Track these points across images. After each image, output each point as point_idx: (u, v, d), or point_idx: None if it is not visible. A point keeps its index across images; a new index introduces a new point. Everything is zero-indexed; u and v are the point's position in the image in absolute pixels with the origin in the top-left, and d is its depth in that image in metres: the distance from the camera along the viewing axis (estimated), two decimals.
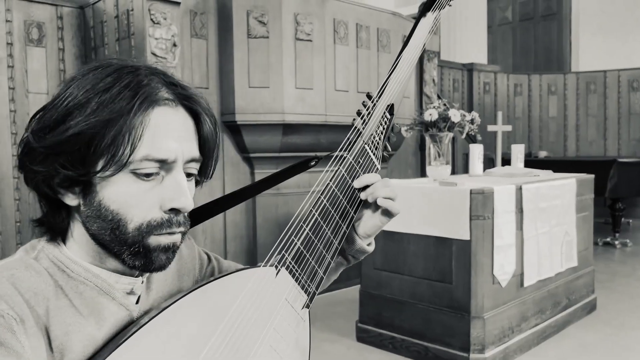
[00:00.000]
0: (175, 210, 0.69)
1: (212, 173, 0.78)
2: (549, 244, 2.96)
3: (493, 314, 2.58)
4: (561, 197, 3.08)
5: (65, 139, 0.64)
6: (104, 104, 0.65)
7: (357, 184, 0.91)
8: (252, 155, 3.63)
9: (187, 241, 0.90)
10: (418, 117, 2.88)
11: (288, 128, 3.56)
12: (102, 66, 0.69)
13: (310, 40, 3.57)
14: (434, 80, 5.14)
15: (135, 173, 0.67)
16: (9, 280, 0.64)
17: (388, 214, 0.92)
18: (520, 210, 2.75)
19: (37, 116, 0.69)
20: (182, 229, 0.71)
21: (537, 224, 2.86)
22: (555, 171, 3.68)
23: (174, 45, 3.20)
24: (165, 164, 0.68)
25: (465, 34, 7.07)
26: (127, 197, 0.67)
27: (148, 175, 0.67)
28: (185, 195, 0.69)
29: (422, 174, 4.89)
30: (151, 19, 3.12)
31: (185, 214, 0.72)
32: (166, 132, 0.68)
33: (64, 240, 0.72)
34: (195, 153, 0.72)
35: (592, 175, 3.50)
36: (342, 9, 3.76)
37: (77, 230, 0.71)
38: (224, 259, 1.01)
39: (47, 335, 0.65)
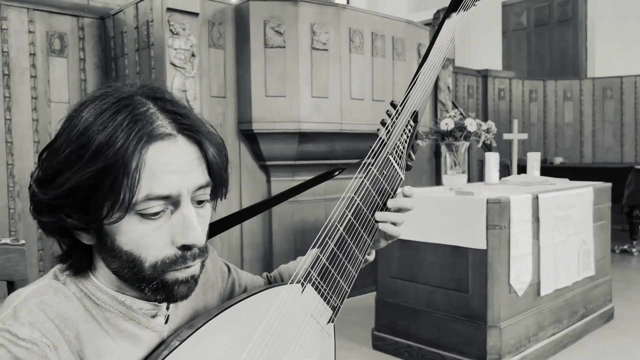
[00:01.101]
0: (187, 246, 0.68)
1: (226, 194, 0.76)
2: (565, 253, 2.95)
3: (509, 323, 2.58)
4: (578, 206, 3.07)
5: (64, 191, 0.64)
6: (98, 150, 0.63)
7: (391, 204, 0.92)
8: (269, 163, 3.67)
9: (210, 254, 0.90)
10: (434, 126, 2.90)
11: (304, 136, 3.59)
12: (98, 99, 0.67)
13: (326, 50, 3.60)
14: (448, 87, 5.15)
15: (141, 214, 0.65)
16: (39, 306, 0.66)
17: (390, 236, 0.95)
18: (536, 219, 2.75)
19: (42, 158, 0.68)
20: (198, 260, 0.71)
21: (553, 233, 2.85)
22: (571, 179, 3.67)
23: (193, 55, 3.25)
24: (170, 200, 0.66)
25: (480, 40, 7.06)
26: (138, 238, 0.66)
27: (155, 214, 0.66)
28: (195, 230, 0.68)
29: (437, 181, 4.90)
30: (170, 30, 3.18)
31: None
32: (165, 168, 0.65)
33: (87, 272, 0.72)
34: (202, 180, 0.69)
35: (610, 184, 3.48)
36: (357, 18, 3.79)
37: (100, 263, 0.72)
38: (241, 266, 1.03)
39: (80, 359, 0.66)
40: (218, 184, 0.73)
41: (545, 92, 6.94)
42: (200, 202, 0.71)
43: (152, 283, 0.68)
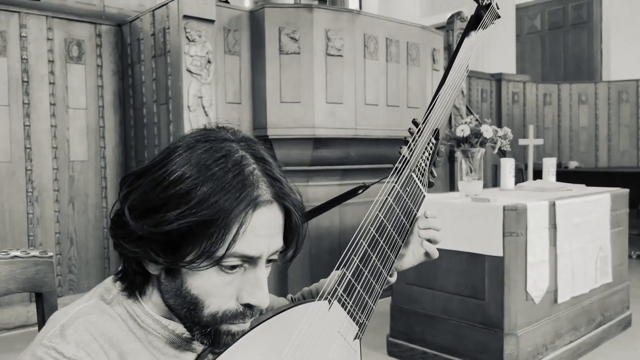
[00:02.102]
0: (250, 305, 0.71)
1: (293, 257, 0.78)
2: (583, 260, 2.93)
3: (526, 331, 2.57)
4: (595, 213, 3.04)
5: (162, 231, 0.65)
6: (205, 200, 0.64)
7: (422, 224, 0.95)
8: (283, 168, 3.68)
9: None
10: (450, 132, 2.89)
11: (318, 142, 3.60)
12: (209, 141, 0.69)
13: (341, 56, 3.61)
14: (462, 91, 5.13)
15: (221, 266, 0.68)
16: (85, 326, 0.68)
17: (427, 255, 0.97)
18: (553, 226, 2.73)
19: (136, 183, 0.69)
20: (253, 318, 0.74)
21: (571, 240, 2.83)
22: (587, 183, 3.63)
23: (209, 62, 3.28)
24: (252, 259, 0.70)
25: (494, 44, 7.03)
26: (209, 286, 0.69)
27: (233, 267, 0.69)
28: (263, 291, 0.71)
29: (451, 187, 4.88)
30: (187, 37, 3.21)
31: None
32: (260, 232, 0.68)
33: (139, 296, 0.74)
34: (280, 245, 0.73)
35: (627, 190, 3.45)
36: (372, 24, 3.80)
37: (155, 294, 0.74)
38: None
39: None
40: (289, 249, 0.76)
41: (559, 95, 6.89)
42: (269, 262, 0.74)
43: (205, 328, 0.70)
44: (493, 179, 5.82)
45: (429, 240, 0.97)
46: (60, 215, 3.58)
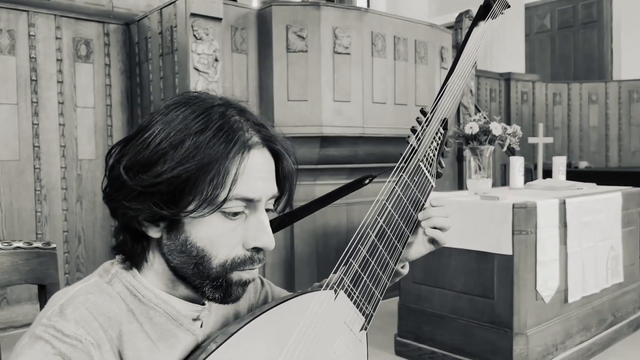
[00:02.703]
0: (257, 248, 0.72)
1: (286, 207, 0.79)
2: (593, 260, 2.89)
3: (536, 331, 2.53)
4: (606, 211, 3.00)
5: (161, 180, 0.66)
6: (199, 147, 0.66)
7: (421, 216, 0.93)
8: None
9: None
10: (458, 129, 2.87)
11: (325, 140, 3.59)
12: (188, 103, 0.71)
13: (349, 54, 3.60)
14: (471, 90, 5.10)
15: (224, 212, 0.69)
16: (84, 305, 0.67)
17: (435, 243, 0.94)
18: (564, 224, 2.69)
19: (124, 150, 0.70)
20: (261, 264, 0.74)
21: (581, 239, 2.79)
22: (598, 183, 3.59)
23: (216, 60, 3.28)
24: (251, 203, 0.70)
25: (502, 43, 6.99)
26: (214, 235, 0.69)
27: (235, 214, 0.70)
28: (268, 233, 0.72)
29: (460, 185, 4.84)
30: (194, 35, 3.20)
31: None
32: (257, 174, 0.70)
33: (139, 267, 0.74)
34: (275, 190, 0.74)
35: (639, 189, 3.40)
36: (380, 22, 3.78)
37: (157, 260, 0.73)
38: (262, 269, 1.03)
39: (120, 358, 0.68)
40: (282, 196, 0.77)
41: (569, 95, 6.83)
42: (266, 210, 0.75)
43: (216, 281, 0.70)
44: (502, 179, 5.77)
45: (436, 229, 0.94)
46: (68, 213, 3.59)
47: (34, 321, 0.68)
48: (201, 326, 0.77)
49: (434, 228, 0.93)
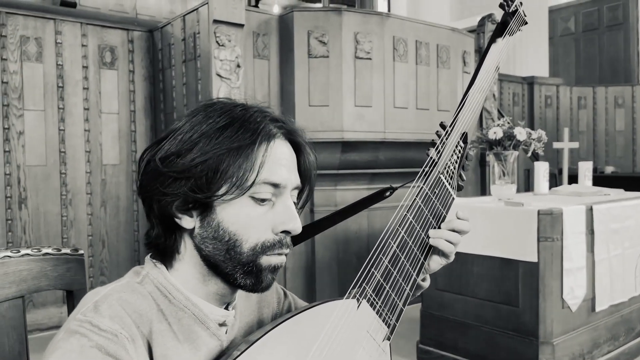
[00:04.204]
0: (285, 232, 0.76)
1: (307, 202, 0.84)
2: (622, 267, 2.83)
3: (563, 340, 2.48)
4: (635, 218, 2.93)
5: (195, 164, 0.71)
6: (228, 136, 0.72)
7: (445, 226, 0.92)
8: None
9: None
10: (481, 135, 2.83)
11: (347, 145, 3.58)
12: (214, 105, 0.77)
13: (370, 59, 3.59)
14: (494, 95, 5.04)
15: (253, 197, 0.73)
16: (118, 302, 0.69)
17: (445, 255, 0.93)
18: (590, 231, 2.64)
19: (157, 147, 0.75)
20: (289, 250, 0.78)
21: (609, 246, 2.73)
22: (625, 189, 3.51)
23: (238, 66, 3.30)
24: (278, 189, 0.75)
25: (526, 46, 6.90)
26: (245, 219, 0.73)
27: (263, 200, 0.74)
28: (296, 218, 0.76)
29: (483, 191, 4.79)
30: (216, 41, 3.23)
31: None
32: (281, 161, 0.75)
33: (171, 261, 0.77)
34: (298, 182, 0.79)
35: None
36: (401, 27, 3.77)
37: (189, 252, 0.76)
38: (283, 275, 1.04)
39: (150, 355, 0.69)
40: (304, 188, 0.82)
41: (595, 99, 6.71)
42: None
43: (247, 266, 0.74)
44: (525, 184, 5.69)
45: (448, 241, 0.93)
46: (93, 217, 3.64)
47: (67, 320, 0.70)
48: (226, 332, 0.78)
49: (452, 230, 0.92)
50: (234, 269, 0.74)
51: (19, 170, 3.38)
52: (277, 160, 0.74)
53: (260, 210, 0.74)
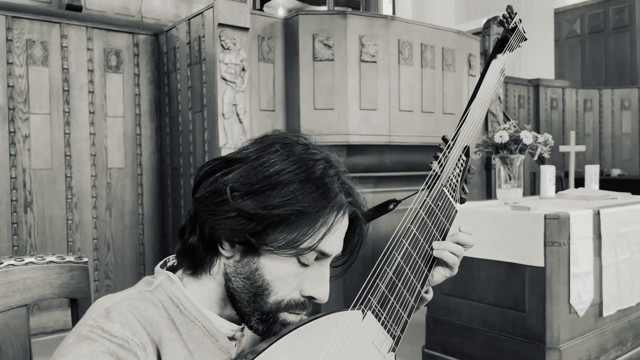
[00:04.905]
0: (311, 298, 0.76)
1: (348, 268, 0.84)
2: (629, 272, 2.80)
3: (570, 345, 2.46)
4: None
5: (264, 214, 0.69)
6: (304, 194, 0.70)
7: (449, 238, 0.93)
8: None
9: None
10: (487, 138, 2.82)
11: (352, 149, 3.57)
12: (292, 148, 0.74)
13: (375, 62, 3.58)
14: (499, 97, 5.02)
15: (300, 258, 0.73)
16: (129, 309, 0.69)
17: (449, 267, 0.94)
18: (598, 235, 2.62)
19: (227, 170, 0.72)
20: (305, 313, 0.77)
21: (616, 250, 2.71)
22: (633, 192, 3.49)
23: (243, 69, 3.30)
24: (322, 257, 0.75)
25: (531, 49, 6.88)
26: (283, 275, 0.73)
27: (306, 264, 0.74)
28: (326, 286, 0.76)
29: (488, 194, 4.77)
30: (221, 45, 3.23)
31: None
32: (340, 234, 0.76)
33: (199, 276, 0.77)
34: (341, 250, 0.79)
35: None
36: (406, 30, 3.76)
37: (219, 276, 0.75)
38: None
39: None
40: (346, 254, 0.82)
41: (601, 101, 6.68)
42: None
43: (265, 315, 0.74)
44: (531, 188, 5.66)
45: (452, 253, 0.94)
46: (98, 221, 3.65)
47: (76, 325, 0.70)
48: (235, 345, 0.78)
49: (457, 243, 0.92)
50: (252, 313, 0.74)
51: (25, 174, 3.38)
52: (338, 233, 0.75)
53: (299, 270, 0.74)
